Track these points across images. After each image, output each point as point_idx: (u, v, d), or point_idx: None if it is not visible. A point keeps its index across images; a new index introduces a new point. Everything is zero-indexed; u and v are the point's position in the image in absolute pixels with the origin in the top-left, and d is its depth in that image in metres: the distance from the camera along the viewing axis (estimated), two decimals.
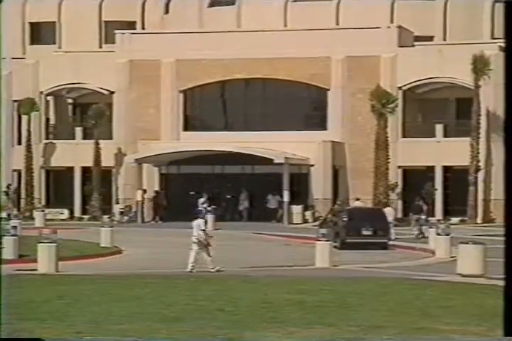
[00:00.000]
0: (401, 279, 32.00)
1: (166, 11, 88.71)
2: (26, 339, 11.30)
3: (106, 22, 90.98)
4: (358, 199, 64.58)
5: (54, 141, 76.22)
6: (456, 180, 70.25)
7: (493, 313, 21.89)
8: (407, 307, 22.82)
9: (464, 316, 20.98)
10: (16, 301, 24.80)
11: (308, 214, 64.56)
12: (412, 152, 70.43)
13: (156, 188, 72.09)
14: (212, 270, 35.41)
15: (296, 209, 67.73)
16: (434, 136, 71.59)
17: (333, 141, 70.94)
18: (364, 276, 33.16)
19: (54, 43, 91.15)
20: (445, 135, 71.73)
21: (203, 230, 37.05)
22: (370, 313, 21.48)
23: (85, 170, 74.41)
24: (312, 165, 69.93)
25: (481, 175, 69.56)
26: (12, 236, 41.32)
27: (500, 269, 32.49)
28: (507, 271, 5.65)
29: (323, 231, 42.88)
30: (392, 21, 76.43)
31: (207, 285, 28.61)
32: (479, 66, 68.17)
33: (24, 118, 75.24)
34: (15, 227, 47.90)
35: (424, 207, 62.15)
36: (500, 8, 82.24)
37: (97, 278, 32.50)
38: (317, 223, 56.42)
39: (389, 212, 55.15)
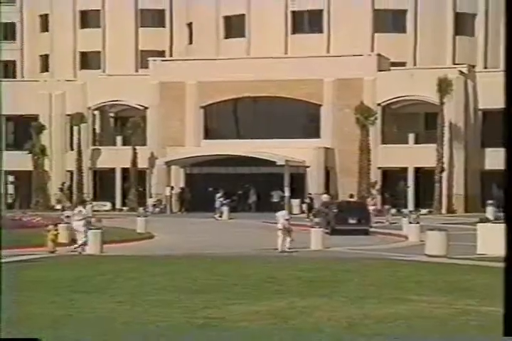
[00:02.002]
0: (380, 259, 31.98)
1: (190, 42, 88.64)
2: (26, 339, 10.23)
3: (141, 51, 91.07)
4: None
5: (99, 147, 76.32)
6: (425, 178, 70.13)
7: (454, 287, 21.91)
8: (385, 282, 22.83)
9: (431, 289, 20.98)
10: (68, 277, 24.82)
11: (304, 206, 64.43)
12: (389, 156, 70.37)
13: (182, 185, 72.12)
14: (289, 250, 35.43)
15: (295, 202, 67.73)
16: (407, 143, 71.53)
17: (325, 147, 70.94)
18: (350, 257, 33.12)
19: (99, 68, 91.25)
20: (416, 142, 71.68)
21: (287, 219, 37.10)
22: (355, 287, 21.51)
23: (124, 171, 74.47)
24: (308, 167, 69.93)
25: (444, 174, 69.49)
26: (66, 223, 41.46)
27: (459, 250, 32.61)
28: (507, 270, 6.28)
29: (316, 220, 42.92)
30: (372, 50, 76.30)
31: (223, 264, 28.59)
32: (443, 87, 68.19)
33: (75, 129, 75.34)
34: (68, 217, 48.08)
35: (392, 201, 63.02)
36: (460, 39, 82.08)
37: (134, 258, 32.54)
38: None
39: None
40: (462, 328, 14.58)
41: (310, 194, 66.77)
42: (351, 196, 62.82)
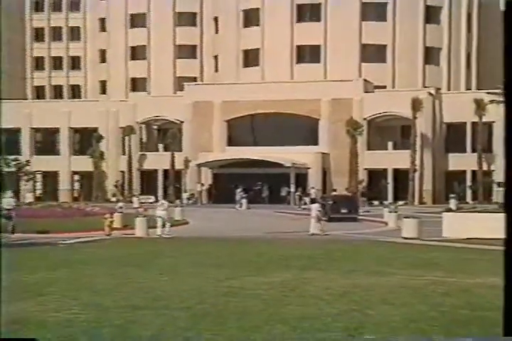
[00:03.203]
0: (366, 240, 31.91)
1: (216, 70, 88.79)
2: (26, 339, 8.95)
3: (178, 77, 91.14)
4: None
5: (145, 153, 76.31)
6: (401, 177, 69.95)
7: (425, 262, 21.82)
8: (370, 259, 22.76)
9: (406, 264, 20.91)
10: (121, 254, 24.84)
11: (306, 199, 64.26)
12: (373, 159, 70.19)
13: (210, 182, 72.13)
14: (322, 233, 35.19)
15: (306, 197, 67.58)
16: (387, 149, 71.36)
17: (322, 153, 70.87)
18: (343, 239, 33.04)
19: (145, 91, 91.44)
20: (394, 148, 71.48)
21: (319, 210, 37.01)
22: (347, 262, 21.44)
23: (165, 171, 74.46)
24: (309, 168, 69.83)
25: (417, 174, 69.34)
26: (119, 213, 41.46)
27: (429, 234, 32.40)
28: (506, 269, 5.73)
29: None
30: (360, 76, 76.14)
31: (242, 245, 28.57)
32: (415, 105, 68.10)
33: (126, 138, 75.47)
34: (121, 207, 48.12)
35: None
36: (429, 68, 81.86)
37: (173, 240, 32.52)
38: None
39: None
40: (431, 294, 14.47)
41: (313, 188, 67.16)
42: (334, 190, 63.24)
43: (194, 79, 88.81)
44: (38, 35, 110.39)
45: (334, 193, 59.87)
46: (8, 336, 8.34)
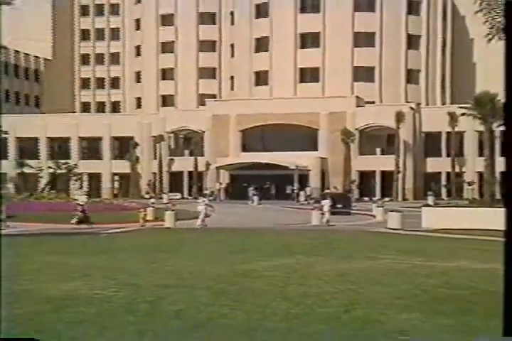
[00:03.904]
0: (358, 230, 31.83)
1: (232, 88, 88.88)
2: (26, 339, 8.18)
3: (200, 94, 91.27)
4: (335, 187, 65.02)
5: (173, 157, 76.32)
6: (387, 177, 69.83)
7: (408, 249, 21.69)
8: (363, 246, 22.65)
9: (392, 250, 20.76)
10: (152, 242, 24.79)
11: (302, 194, 64.54)
12: (363, 163, 70.10)
13: (227, 182, 72.16)
14: (328, 224, 35.44)
15: (302, 193, 67.46)
16: (375, 154, 71.22)
17: (321, 157, 70.80)
18: (339, 229, 32.94)
19: (173, 106, 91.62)
20: (381, 154, 71.34)
21: (330, 206, 37.54)
22: (343, 249, 21.32)
23: (189, 173, 74.51)
24: (310, 170, 69.82)
25: (400, 175, 69.23)
26: (151, 207, 41.41)
27: (410, 225, 32.25)
28: (506, 269, 5.18)
29: (316, 205, 42.66)
30: (352, 93, 76.06)
31: (254, 234, 28.47)
32: (399, 117, 68.02)
33: (157, 145, 75.58)
34: (153, 203, 48.06)
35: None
36: (410, 86, 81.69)
37: (195, 230, 32.51)
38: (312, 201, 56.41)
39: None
40: (415, 276, 14.34)
41: (308, 186, 67.49)
42: (328, 188, 63.31)
43: (213, 96, 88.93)
44: (84, 59, 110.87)
45: (328, 191, 59.64)
46: (8, 336, 7.64)
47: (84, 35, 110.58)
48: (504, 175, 4.35)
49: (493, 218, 32.41)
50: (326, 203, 37.67)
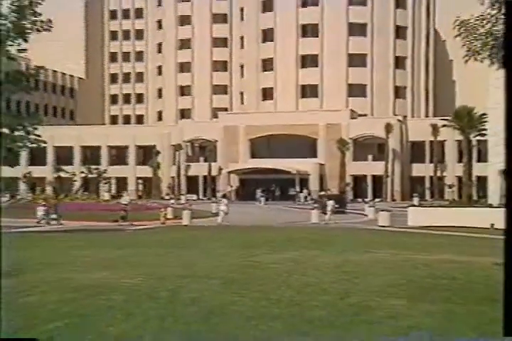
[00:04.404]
0: (352, 228, 31.74)
1: (242, 102, 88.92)
2: (26, 339, 7.45)
3: (213, 108, 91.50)
4: (329, 190, 64.80)
5: (189, 163, 76.26)
6: (378, 181, 69.69)
7: (397, 244, 21.60)
8: (357, 242, 22.58)
9: (383, 245, 20.70)
10: (170, 238, 24.75)
11: (308, 197, 64.19)
12: (357, 168, 69.95)
13: (237, 185, 72.04)
14: (330, 222, 35.16)
15: (302, 194, 67.30)
16: (367, 160, 71.04)
17: (319, 163, 70.68)
18: (336, 226, 32.88)
19: (190, 118, 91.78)
20: (373, 160, 71.20)
21: (334, 206, 37.65)
22: (340, 244, 21.24)
23: (204, 177, 74.36)
24: (309, 174, 69.70)
25: (389, 179, 69.05)
26: (171, 207, 41.39)
27: (398, 223, 32.15)
28: (506, 270, 4.68)
29: (315, 205, 42.60)
30: (347, 107, 76.03)
31: (260, 231, 28.42)
32: (388, 128, 67.95)
33: (176, 153, 75.61)
34: (172, 203, 48.12)
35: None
36: (398, 101, 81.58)
37: (209, 227, 32.46)
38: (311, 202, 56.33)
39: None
40: (402, 268, 14.25)
41: (304, 189, 67.35)
42: (325, 190, 63.06)
43: (225, 109, 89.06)
44: (113, 78, 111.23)
45: (323, 193, 59.44)
46: (8, 336, 7.14)
47: (113, 57, 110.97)
48: (505, 175, 4.26)
49: (470, 217, 32.28)
50: (330, 204, 37.60)
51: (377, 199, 63.07)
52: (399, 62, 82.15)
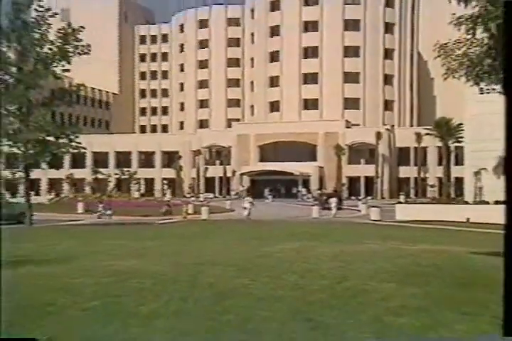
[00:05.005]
0: (348, 222, 31.61)
1: (252, 114, 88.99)
2: (26, 339, 6.62)
3: (228, 119, 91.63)
4: (324, 189, 64.55)
5: (207, 166, 76.40)
6: (369, 181, 69.52)
7: (386, 235, 21.47)
8: (351, 233, 22.50)
9: (374, 237, 20.59)
10: (190, 231, 24.75)
11: (309, 195, 64.10)
12: (352, 170, 69.84)
13: (248, 184, 71.98)
14: (330, 216, 34.88)
15: (302, 193, 67.18)
16: (360, 163, 70.92)
17: (319, 166, 70.62)
18: (334, 221, 32.77)
19: (207, 127, 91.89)
20: (365, 163, 71.02)
21: (337, 203, 37.21)
22: (338, 236, 21.16)
23: (220, 178, 74.47)
24: (310, 176, 69.60)
25: (379, 179, 68.89)
26: (191, 204, 41.37)
27: (387, 218, 32.00)
28: (506, 270, 4.03)
29: (315, 202, 42.46)
30: (342, 117, 75.92)
31: (268, 224, 28.37)
32: (378, 136, 67.79)
33: (196, 157, 75.52)
34: (193, 200, 48.12)
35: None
36: (387, 113, 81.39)
37: (222, 221, 32.40)
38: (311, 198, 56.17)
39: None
40: (390, 256, 14.20)
41: (303, 187, 67.10)
42: (320, 190, 62.90)
43: (238, 120, 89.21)
44: (142, 93, 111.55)
45: (320, 192, 59.25)
46: (8, 336, 6.56)
47: (142, 75, 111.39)
48: (505, 175, 4.17)
49: (449, 212, 32.13)
50: (334, 201, 37.43)
51: (369, 197, 62.83)
52: (387, 80, 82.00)
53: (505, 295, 4.09)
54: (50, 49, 25.01)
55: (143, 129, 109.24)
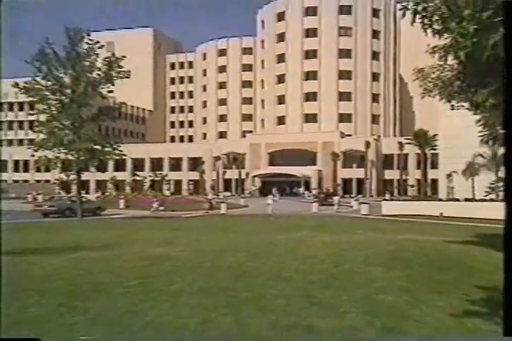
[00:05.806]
0: (342, 216, 31.41)
1: (262, 126, 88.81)
2: (26, 339, 5.45)
3: (243, 131, 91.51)
4: (319, 189, 64.23)
5: (226, 170, 76.22)
6: (360, 182, 69.03)
7: (374, 227, 21.28)
8: (345, 225, 22.35)
9: (365, 228, 20.37)
10: (209, 224, 24.72)
11: (310, 194, 63.76)
12: (345, 173, 69.27)
13: (259, 185, 71.75)
14: (327, 211, 34.49)
15: (306, 193, 66.77)
16: (352, 167, 70.37)
17: (318, 170, 70.18)
18: (329, 214, 32.58)
19: (225, 137, 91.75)
20: (356, 167, 70.38)
21: (339, 200, 36.60)
22: (335, 228, 20.98)
23: (236, 179, 74.10)
24: (311, 178, 69.24)
25: (368, 181, 68.36)
26: (212, 200, 41.15)
27: (375, 212, 31.75)
28: (506, 270, 3.27)
29: (315, 199, 42.19)
30: (338, 129, 75.52)
31: (276, 218, 28.24)
32: (367, 145, 67.28)
33: (216, 162, 75.50)
34: (213, 198, 47.81)
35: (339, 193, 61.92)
36: (374, 126, 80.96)
37: (238, 216, 32.29)
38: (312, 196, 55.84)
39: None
40: (379, 244, 14.09)
41: (301, 187, 66.98)
42: (316, 189, 62.45)
43: (251, 131, 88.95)
44: (172, 110, 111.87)
45: (317, 191, 58.85)
46: (8, 336, 5.69)
47: (172, 95, 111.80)
48: (505, 174, 4.04)
49: (426, 207, 31.88)
50: (336, 198, 37.20)
51: (359, 195, 62.44)
52: (375, 98, 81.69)
53: (506, 295, 3.49)
54: (98, 74, 25.81)
55: (172, 139, 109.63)
